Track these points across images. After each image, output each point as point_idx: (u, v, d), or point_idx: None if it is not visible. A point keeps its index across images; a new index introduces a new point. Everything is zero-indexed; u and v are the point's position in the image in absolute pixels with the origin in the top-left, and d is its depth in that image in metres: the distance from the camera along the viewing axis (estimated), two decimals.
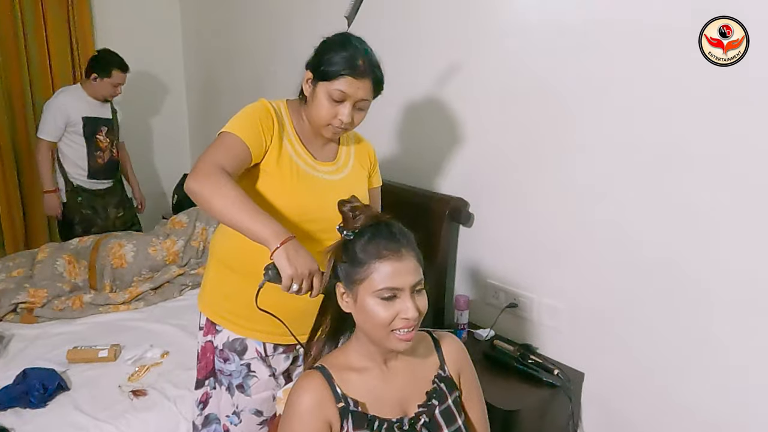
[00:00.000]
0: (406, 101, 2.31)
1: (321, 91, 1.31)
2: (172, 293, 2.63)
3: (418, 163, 2.34)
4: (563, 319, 1.95)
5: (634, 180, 1.71)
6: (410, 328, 1.02)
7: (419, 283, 1.04)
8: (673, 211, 1.64)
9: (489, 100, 2.05)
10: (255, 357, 1.40)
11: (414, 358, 1.14)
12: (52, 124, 2.90)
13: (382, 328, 1.02)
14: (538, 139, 1.94)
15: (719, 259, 1.57)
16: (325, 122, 1.33)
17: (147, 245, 2.75)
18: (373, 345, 1.08)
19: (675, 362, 1.69)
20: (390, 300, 1.01)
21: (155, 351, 2.08)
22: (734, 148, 1.50)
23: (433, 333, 1.20)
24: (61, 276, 2.59)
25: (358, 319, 1.06)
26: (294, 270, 1.08)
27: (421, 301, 1.04)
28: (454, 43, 2.12)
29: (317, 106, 1.32)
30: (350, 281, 1.05)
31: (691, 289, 1.63)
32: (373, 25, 2.37)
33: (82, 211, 3.06)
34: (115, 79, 2.93)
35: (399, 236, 1.05)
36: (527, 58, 1.91)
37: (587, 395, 1.92)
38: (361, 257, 1.03)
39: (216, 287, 1.42)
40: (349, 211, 1.07)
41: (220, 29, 3.47)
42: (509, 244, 2.08)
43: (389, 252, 1.02)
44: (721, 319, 1.58)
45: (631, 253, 1.75)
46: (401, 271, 1.01)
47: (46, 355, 2.05)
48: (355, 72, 1.28)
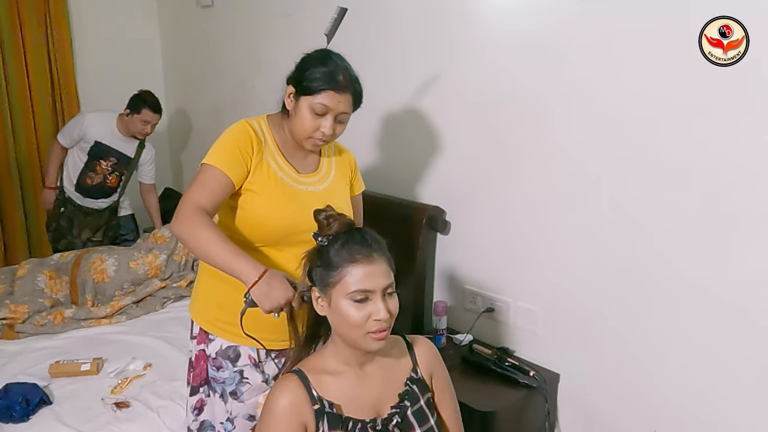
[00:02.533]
0: (384, 112, 2.36)
1: (304, 105, 1.35)
2: (154, 306, 2.64)
3: (395, 173, 2.39)
4: (538, 322, 2.00)
5: (601, 186, 1.77)
6: (382, 328, 1.06)
7: (390, 286, 1.08)
8: (639, 216, 1.70)
9: (463, 110, 2.11)
10: (248, 364, 1.43)
11: (388, 360, 1.18)
12: (69, 132, 3.02)
13: (356, 329, 1.06)
14: (511, 147, 1.99)
15: (684, 262, 1.63)
16: (308, 135, 1.37)
17: (129, 259, 2.76)
18: (348, 348, 1.12)
19: (646, 362, 1.75)
20: (362, 302, 1.06)
21: (138, 363, 2.09)
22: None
23: (406, 337, 1.25)
24: (42, 292, 2.59)
25: (333, 321, 1.10)
26: (270, 305, 1.16)
27: (393, 303, 1.09)
28: (429, 55, 2.18)
29: (300, 119, 1.36)
30: (324, 285, 1.10)
31: (659, 291, 1.69)
32: (351, 37, 2.45)
33: (59, 221, 3.11)
34: (144, 116, 2.98)
35: (371, 241, 1.09)
36: (500, 69, 1.97)
37: (563, 396, 1.97)
38: (335, 261, 1.08)
39: (208, 297, 1.46)
40: (324, 219, 1.12)
41: (199, 46, 3.51)
42: (485, 250, 2.13)
43: (361, 256, 1.07)
44: (689, 320, 1.64)
45: (601, 257, 1.80)
46: (373, 274, 1.06)
47: (28, 369, 2.06)
48: (337, 86, 1.33)
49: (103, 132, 3.00)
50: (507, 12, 1.93)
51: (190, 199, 1.29)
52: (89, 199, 3.11)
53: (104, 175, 3.06)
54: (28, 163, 3.40)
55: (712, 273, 1.58)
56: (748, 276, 1.52)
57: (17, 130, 3.31)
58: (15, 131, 3.30)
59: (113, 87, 3.58)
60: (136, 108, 2.97)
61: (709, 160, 1.54)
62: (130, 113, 2.98)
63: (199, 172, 1.35)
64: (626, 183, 1.71)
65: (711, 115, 1.52)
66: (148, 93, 3.03)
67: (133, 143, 3.08)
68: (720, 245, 1.56)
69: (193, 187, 1.31)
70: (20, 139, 3.34)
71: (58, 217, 3.12)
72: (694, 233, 1.60)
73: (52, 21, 3.31)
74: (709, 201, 1.56)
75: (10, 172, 3.32)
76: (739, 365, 1.56)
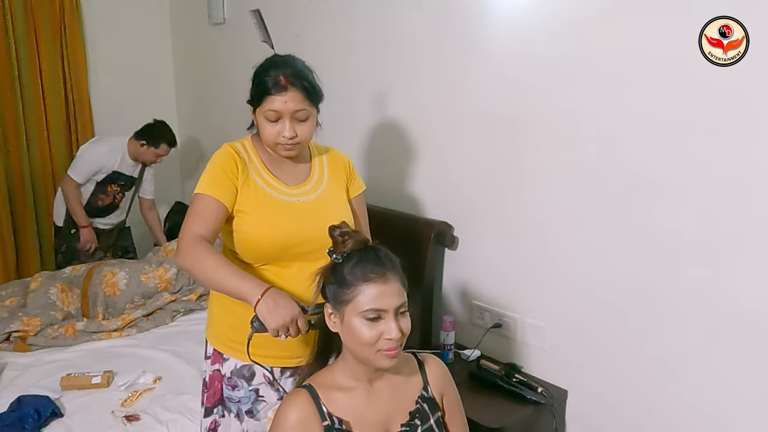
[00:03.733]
0: (392, 127, 2.38)
1: (259, 117, 1.39)
2: (164, 319, 2.66)
3: (403, 189, 2.41)
4: (546, 338, 2.00)
5: (608, 203, 1.78)
6: (393, 347, 1.07)
7: (403, 306, 1.10)
8: (647, 231, 1.70)
9: (472, 126, 2.13)
10: (263, 382, 1.44)
11: (398, 378, 1.19)
12: (83, 169, 3.04)
13: (367, 347, 1.07)
14: (519, 163, 2.01)
15: (692, 280, 1.63)
16: (274, 142, 1.38)
17: (139, 273, 2.79)
18: (359, 364, 1.13)
19: (655, 379, 1.74)
20: (375, 321, 1.07)
21: (148, 376, 2.11)
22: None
23: (417, 354, 1.26)
24: (55, 304, 2.62)
25: (345, 338, 1.12)
26: (276, 322, 1.16)
27: (405, 322, 1.10)
28: (440, 71, 2.20)
29: (262, 131, 1.40)
30: (337, 302, 1.11)
31: (667, 308, 1.69)
32: (352, 55, 2.50)
33: (71, 243, 3.15)
34: (161, 150, 3.07)
35: (385, 260, 1.11)
36: (509, 86, 1.99)
37: (570, 413, 1.96)
38: (349, 279, 1.09)
39: (221, 320, 1.47)
40: (338, 236, 1.13)
41: (211, 63, 3.56)
42: (493, 266, 2.14)
43: (375, 275, 1.08)
44: (697, 338, 1.64)
45: (609, 274, 1.81)
46: (386, 293, 1.08)
47: (39, 382, 2.08)
48: (278, 89, 1.34)
49: (118, 161, 3.08)
50: (518, 30, 1.95)
51: (188, 230, 1.32)
52: (98, 219, 3.19)
53: (113, 195, 3.16)
54: (42, 177, 3.44)
55: (720, 291, 1.58)
56: (758, 294, 1.52)
57: (31, 144, 3.36)
58: (29, 145, 3.35)
59: (126, 103, 3.66)
60: (154, 142, 3.04)
61: (719, 173, 1.54)
62: (147, 145, 3.04)
63: (192, 203, 1.38)
64: (632, 200, 1.72)
65: (724, 128, 1.52)
66: (165, 127, 3.09)
67: (137, 166, 3.18)
68: (729, 261, 1.56)
69: (189, 219, 1.35)
70: (34, 154, 3.39)
71: (69, 239, 3.16)
72: (701, 249, 1.61)
73: (67, 38, 3.37)
74: (714, 214, 1.56)
75: (24, 186, 3.37)
76: (748, 385, 1.56)
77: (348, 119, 2.53)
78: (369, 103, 2.45)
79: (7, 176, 3.30)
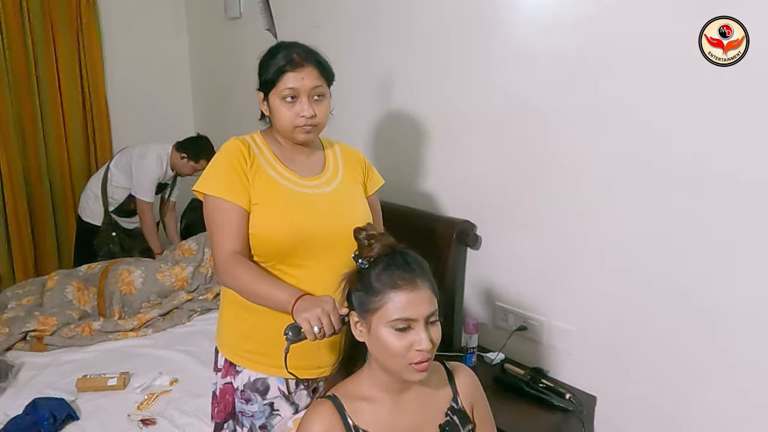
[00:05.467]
0: (414, 123, 2.32)
1: (274, 100, 1.33)
2: (181, 319, 2.63)
3: (424, 186, 2.35)
4: (574, 341, 1.94)
5: (640, 200, 1.71)
6: (424, 359, 1.01)
7: (433, 314, 1.04)
8: (679, 230, 1.64)
9: (496, 121, 2.06)
10: (278, 396, 1.37)
11: (427, 389, 1.13)
12: (148, 187, 3.07)
13: (397, 358, 1.01)
14: (544, 159, 1.94)
15: (729, 282, 1.56)
16: (292, 125, 1.33)
17: (155, 271, 2.76)
18: (386, 375, 1.07)
19: (688, 385, 1.68)
20: (404, 331, 1.01)
21: (164, 378, 2.07)
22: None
23: (446, 364, 1.20)
24: (71, 303, 2.60)
25: (372, 348, 1.06)
26: (309, 313, 1.09)
27: (435, 332, 1.04)
28: (463, 65, 2.13)
29: (278, 115, 1.33)
30: (364, 310, 1.05)
31: (701, 311, 1.62)
32: (373, 47, 2.44)
33: (110, 245, 3.16)
34: (199, 166, 3.07)
35: (414, 266, 1.04)
36: (535, 81, 1.92)
37: (600, 419, 1.90)
38: (376, 286, 1.03)
39: (233, 328, 1.41)
40: (364, 239, 1.07)
41: (227, 57, 3.52)
42: (518, 266, 2.08)
43: (404, 282, 1.02)
44: (734, 343, 1.57)
45: (641, 274, 1.74)
46: (416, 301, 1.01)
47: (56, 383, 2.05)
48: (294, 65, 1.30)
49: (162, 171, 3.10)
50: (547, 20, 1.87)
51: (221, 248, 1.28)
52: (129, 219, 3.22)
53: None
54: (59, 175, 3.43)
55: (759, 293, 1.50)
56: None
57: (48, 142, 3.35)
58: (47, 142, 3.34)
59: (142, 99, 3.65)
60: (195, 157, 3.04)
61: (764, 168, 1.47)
62: (188, 159, 3.05)
63: (209, 207, 1.32)
64: (669, 197, 1.65)
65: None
66: (208, 143, 3.09)
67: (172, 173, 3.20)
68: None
69: (217, 234, 1.30)
70: (51, 151, 3.38)
71: (109, 241, 3.17)
72: (738, 251, 1.53)
73: (84, 34, 3.35)
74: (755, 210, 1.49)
75: (42, 184, 3.35)
76: None
77: (367, 112, 2.47)
78: (389, 95, 2.39)
79: (25, 173, 3.29)
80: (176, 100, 3.82)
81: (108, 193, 3.12)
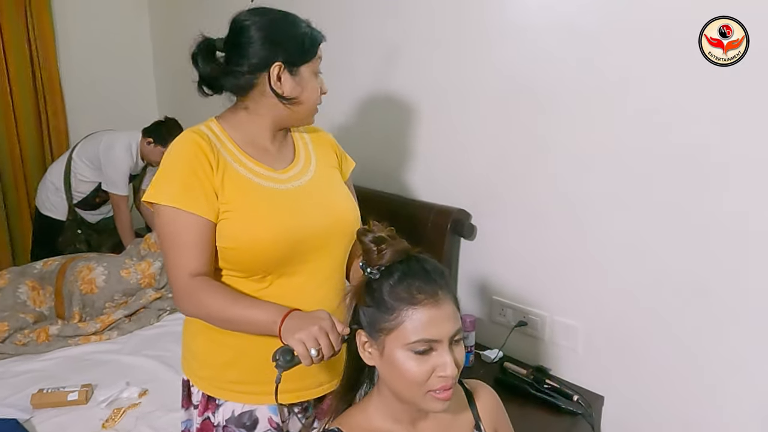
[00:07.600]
0: (401, 109, 2.14)
1: (307, 73, 1.18)
2: (149, 320, 2.42)
3: (414, 172, 2.18)
4: (579, 338, 1.82)
5: (649, 188, 1.60)
6: (448, 386, 0.85)
7: (458, 333, 0.87)
8: (691, 222, 1.54)
9: (493, 104, 1.91)
10: (269, 429, 1.18)
11: (445, 415, 0.96)
12: (121, 180, 2.85)
13: (416, 386, 0.84)
14: (545, 146, 1.80)
15: (749, 277, 1.46)
16: (317, 103, 1.22)
17: (119, 268, 2.53)
18: (400, 403, 0.90)
19: (700, 385, 1.59)
20: (425, 354, 0.84)
21: (132, 390, 1.87)
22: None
23: (465, 383, 1.04)
24: (24, 305, 2.36)
25: (385, 374, 0.89)
26: (303, 333, 0.94)
27: (460, 353, 0.87)
28: (458, 43, 1.96)
29: (311, 89, 1.19)
30: (375, 329, 0.87)
31: (718, 307, 1.52)
32: (355, 21, 2.25)
33: (76, 244, 2.93)
34: None
35: (435, 275, 0.87)
36: (529, 63, 1.78)
37: (607, 420, 1.79)
38: (390, 302, 0.85)
39: (211, 359, 1.19)
40: (371, 243, 0.88)
41: (192, 34, 3.26)
42: (516, 257, 1.94)
43: (424, 296, 0.84)
44: (750, 343, 1.48)
45: (651, 267, 1.63)
46: (439, 319, 0.84)
47: (7, 399, 1.83)
48: (322, 36, 1.22)
49: (132, 162, 2.87)
50: (541, 2, 1.74)
51: (177, 270, 1.08)
52: (95, 212, 3.00)
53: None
54: (10, 163, 3.15)
55: None
56: None
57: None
58: None
59: (99, 83, 3.39)
60: (163, 141, 2.77)
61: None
62: (154, 143, 2.81)
63: (161, 220, 1.09)
64: (684, 186, 1.53)
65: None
66: (176, 125, 2.83)
67: (141, 163, 2.96)
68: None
69: (172, 252, 1.08)
70: (2, 142, 3.10)
71: (75, 240, 2.94)
72: (756, 245, 1.44)
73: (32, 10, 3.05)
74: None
75: None
76: None
77: (351, 94, 2.28)
78: (374, 75, 2.21)
79: None
80: (138, 80, 3.57)
81: (72, 186, 2.88)
